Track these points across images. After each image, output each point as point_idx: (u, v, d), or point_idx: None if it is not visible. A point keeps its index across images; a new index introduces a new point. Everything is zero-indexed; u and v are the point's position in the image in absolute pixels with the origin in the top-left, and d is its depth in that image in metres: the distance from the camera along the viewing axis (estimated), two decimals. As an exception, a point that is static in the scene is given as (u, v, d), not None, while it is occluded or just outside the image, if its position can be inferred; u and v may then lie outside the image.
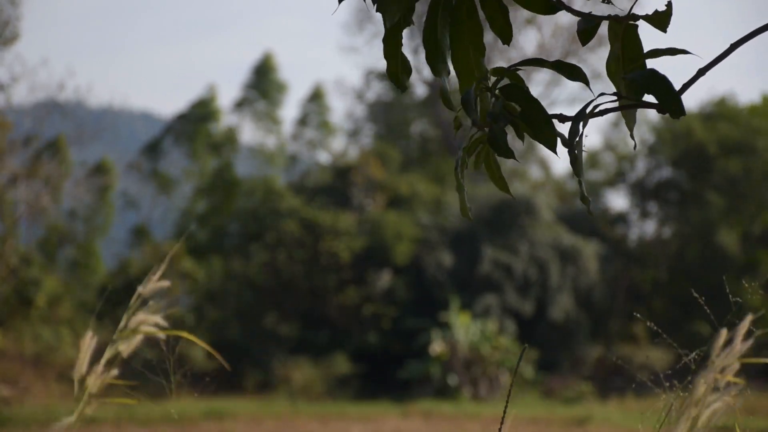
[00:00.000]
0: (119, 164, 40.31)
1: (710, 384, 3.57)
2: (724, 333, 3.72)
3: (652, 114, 37.82)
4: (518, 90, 2.22)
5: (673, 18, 2.27)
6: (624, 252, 36.57)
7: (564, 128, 2.25)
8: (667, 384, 3.39)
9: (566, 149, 2.22)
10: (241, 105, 41.73)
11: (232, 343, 30.92)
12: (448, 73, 2.31)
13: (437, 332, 30.34)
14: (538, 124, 2.20)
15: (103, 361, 3.63)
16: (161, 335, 3.71)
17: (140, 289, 3.77)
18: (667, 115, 2.15)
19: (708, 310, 3.41)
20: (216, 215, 36.10)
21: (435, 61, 2.30)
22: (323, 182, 35.11)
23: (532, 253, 33.14)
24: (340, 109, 67.69)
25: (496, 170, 2.35)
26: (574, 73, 2.24)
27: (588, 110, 2.22)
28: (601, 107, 2.27)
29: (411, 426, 23.51)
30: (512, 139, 2.27)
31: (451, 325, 30.35)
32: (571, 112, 2.30)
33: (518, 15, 40.46)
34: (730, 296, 3.43)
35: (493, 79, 2.26)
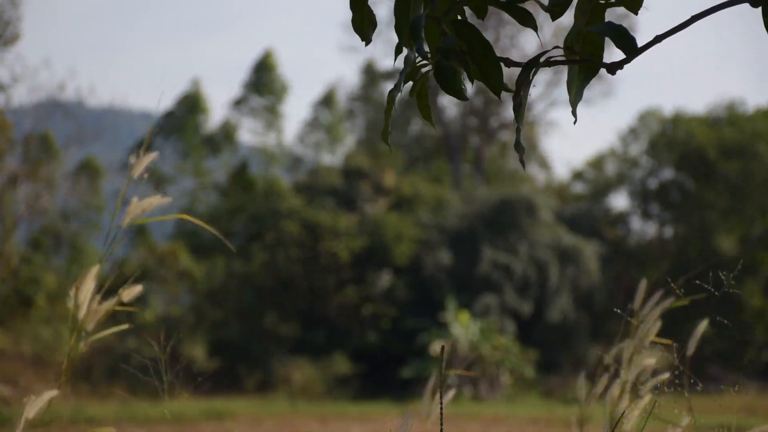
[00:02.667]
0: (120, 164, 40.33)
1: (637, 346, 3.59)
2: (643, 285, 3.73)
3: (656, 117, 37.86)
4: (467, 26, 2.19)
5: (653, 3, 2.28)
6: (624, 252, 36.58)
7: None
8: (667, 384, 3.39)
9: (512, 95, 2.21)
10: (239, 103, 41.70)
11: (231, 343, 30.95)
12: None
13: (436, 332, 30.34)
14: (486, 66, 2.17)
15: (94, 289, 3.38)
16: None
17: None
18: (658, 119, 2.15)
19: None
20: (226, 215, 35.84)
21: (404, 31, 2.28)
22: (330, 184, 34.97)
23: (531, 253, 33.14)
24: (341, 107, 67.55)
25: (424, 99, 2.33)
26: (525, 18, 2.24)
27: (541, 60, 2.21)
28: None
29: (411, 426, 23.47)
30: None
31: (450, 325, 30.36)
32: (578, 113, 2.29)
33: (518, 15, 40.42)
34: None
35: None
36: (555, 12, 2.26)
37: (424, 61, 2.22)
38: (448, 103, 41.65)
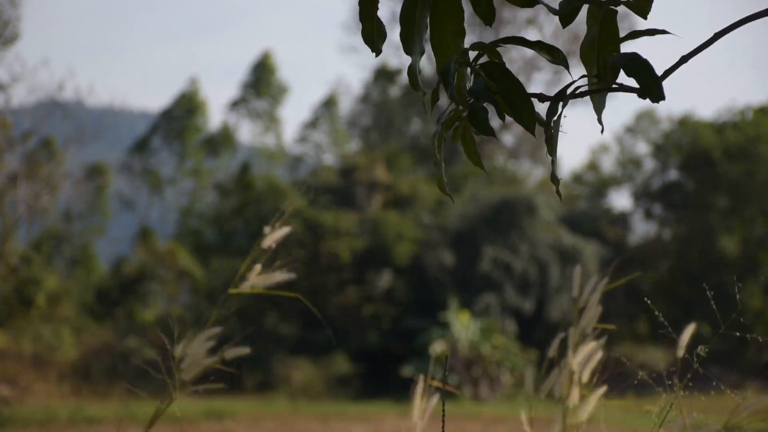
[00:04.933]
0: (119, 165, 40.31)
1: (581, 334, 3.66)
2: (577, 271, 3.75)
3: (663, 119, 37.89)
4: (498, 67, 2.21)
5: (662, 9, 2.27)
6: (624, 252, 36.59)
7: (544, 109, 2.25)
8: (668, 383, 3.39)
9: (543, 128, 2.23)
10: (237, 104, 41.68)
11: (232, 343, 30.95)
12: (422, 52, 2.30)
13: (437, 332, 30.34)
14: (517, 103, 2.19)
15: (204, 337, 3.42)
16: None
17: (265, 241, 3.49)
18: (669, 116, 2.15)
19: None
20: (229, 215, 35.79)
21: (410, 39, 2.29)
22: (328, 182, 35.09)
23: (532, 252, 33.15)
24: (342, 108, 67.58)
25: (471, 145, 2.35)
26: (553, 54, 2.25)
27: (568, 91, 2.21)
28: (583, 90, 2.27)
29: (411, 426, 23.46)
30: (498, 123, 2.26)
31: (451, 325, 30.35)
32: (572, 111, 2.30)
33: (519, 15, 40.47)
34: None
35: (472, 55, 2.25)
36: (565, 18, 2.26)
37: (460, 106, 2.24)
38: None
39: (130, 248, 36.34)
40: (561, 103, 2.20)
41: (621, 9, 2.31)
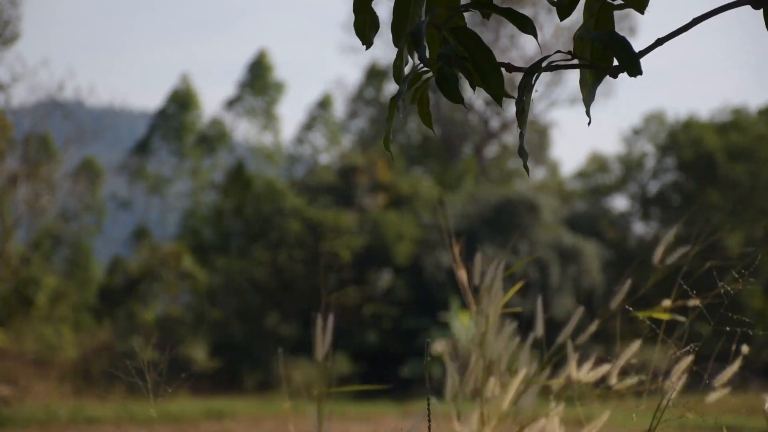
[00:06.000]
0: (119, 165, 40.30)
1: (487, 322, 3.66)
2: (479, 258, 3.76)
3: (660, 119, 37.90)
4: (468, 33, 2.18)
5: (661, 5, 2.28)
6: (625, 253, 36.61)
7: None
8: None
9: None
10: (233, 103, 41.65)
11: (232, 343, 30.94)
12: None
13: (437, 332, 30.34)
14: (487, 72, 2.16)
15: None
16: None
17: None
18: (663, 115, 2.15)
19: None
20: (227, 215, 35.77)
21: (400, 28, 2.26)
22: (326, 182, 35.08)
23: (532, 252, 33.13)
24: (339, 109, 67.58)
25: (425, 106, 2.33)
26: (525, 24, 2.23)
27: (543, 65, 2.20)
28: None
29: (411, 426, 23.44)
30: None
31: (451, 325, 30.36)
32: (572, 111, 2.30)
33: (519, 15, 40.46)
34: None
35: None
36: (563, 10, 2.25)
37: (425, 68, 2.21)
38: (447, 103, 41.70)
39: (128, 248, 36.34)
40: (534, 76, 2.18)
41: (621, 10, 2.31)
